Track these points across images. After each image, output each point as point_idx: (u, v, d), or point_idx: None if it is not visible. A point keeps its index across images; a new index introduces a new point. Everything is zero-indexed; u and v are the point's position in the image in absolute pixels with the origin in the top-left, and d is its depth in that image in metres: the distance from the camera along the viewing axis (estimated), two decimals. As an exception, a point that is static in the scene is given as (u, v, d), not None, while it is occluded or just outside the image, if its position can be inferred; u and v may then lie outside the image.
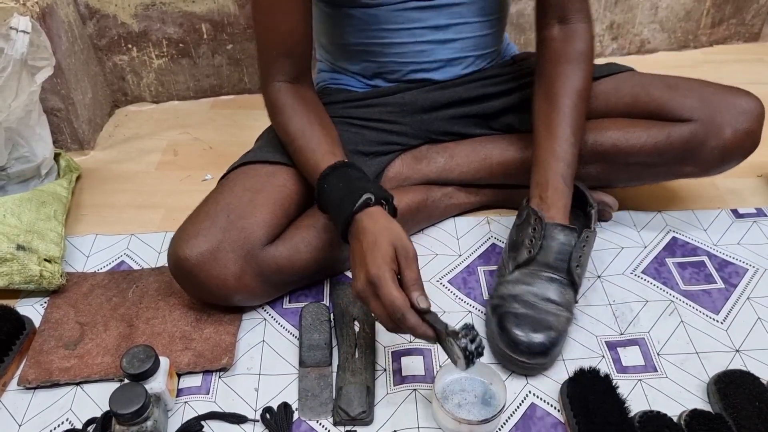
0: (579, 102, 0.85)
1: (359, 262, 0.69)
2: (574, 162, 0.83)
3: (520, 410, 0.75)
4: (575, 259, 0.80)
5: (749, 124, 0.85)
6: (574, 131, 0.83)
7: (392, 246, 0.68)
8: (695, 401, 0.75)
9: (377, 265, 0.66)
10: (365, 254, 0.68)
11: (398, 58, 0.94)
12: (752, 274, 0.92)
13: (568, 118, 0.83)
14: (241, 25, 1.30)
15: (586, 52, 0.87)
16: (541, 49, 0.90)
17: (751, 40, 1.56)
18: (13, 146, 1.00)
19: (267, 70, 0.85)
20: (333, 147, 0.81)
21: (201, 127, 1.32)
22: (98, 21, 1.26)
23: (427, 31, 0.91)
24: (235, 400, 0.77)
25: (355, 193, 0.73)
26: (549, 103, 0.86)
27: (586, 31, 0.87)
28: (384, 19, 0.89)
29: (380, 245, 0.68)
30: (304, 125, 0.83)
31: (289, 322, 0.87)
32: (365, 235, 0.70)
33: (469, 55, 0.96)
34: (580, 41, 0.87)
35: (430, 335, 0.66)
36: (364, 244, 0.69)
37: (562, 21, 0.88)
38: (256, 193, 0.83)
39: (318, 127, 0.83)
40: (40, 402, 0.77)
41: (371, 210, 0.72)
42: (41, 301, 0.90)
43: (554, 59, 0.87)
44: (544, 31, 0.89)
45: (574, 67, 0.86)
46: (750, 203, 1.06)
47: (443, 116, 0.98)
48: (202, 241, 0.78)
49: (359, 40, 0.93)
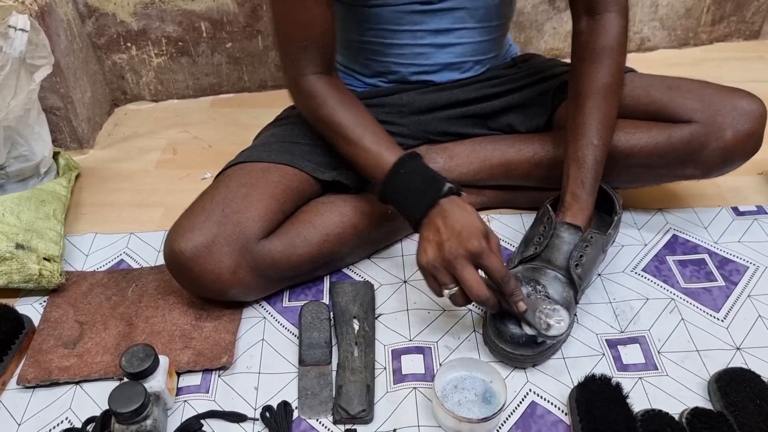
0: (603, 102, 0.83)
1: (448, 233, 0.73)
2: (596, 165, 0.82)
3: (521, 408, 0.75)
4: (575, 258, 0.79)
5: (751, 125, 0.84)
6: (598, 133, 0.82)
7: (485, 228, 0.74)
8: (696, 399, 0.75)
9: (477, 237, 0.72)
10: (459, 228, 0.72)
11: (398, 59, 0.94)
12: (753, 272, 0.92)
13: (591, 119, 0.82)
14: (241, 24, 1.30)
15: (613, 46, 0.84)
16: (573, 44, 0.89)
17: (751, 37, 1.56)
18: (12, 145, 1.00)
19: (295, 63, 0.84)
20: (390, 138, 0.83)
21: (200, 125, 1.31)
22: (97, 19, 1.26)
23: (427, 35, 0.91)
24: (234, 399, 0.77)
25: (438, 181, 0.77)
26: (574, 104, 0.85)
27: (615, 23, 0.84)
28: (386, 20, 0.89)
29: (476, 225, 0.73)
30: (354, 117, 0.83)
31: (288, 320, 0.86)
32: (455, 216, 0.74)
33: (468, 60, 0.96)
34: (606, 35, 0.84)
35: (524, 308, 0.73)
36: (456, 223, 0.73)
37: (590, 12, 0.85)
38: (252, 188, 0.83)
39: (369, 118, 0.84)
40: (40, 401, 0.77)
41: (456, 198, 0.77)
42: (40, 300, 0.90)
43: (580, 55, 0.86)
44: (575, 24, 0.88)
45: (599, 65, 0.84)
46: (751, 201, 1.06)
47: (441, 117, 0.98)
48: (197, 234, 0.78)
49: (360, 38, 0.93)
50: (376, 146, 0.81)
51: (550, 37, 1.47)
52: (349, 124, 0.83)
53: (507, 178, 0.98)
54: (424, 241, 0.75)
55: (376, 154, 0.81)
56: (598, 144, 0.82)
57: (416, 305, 0.88)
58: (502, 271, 0.72)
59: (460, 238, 0.72)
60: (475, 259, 0.72)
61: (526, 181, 0.98)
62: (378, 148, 0.81)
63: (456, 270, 0.72)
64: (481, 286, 0.72)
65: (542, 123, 0.97)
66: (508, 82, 0.98)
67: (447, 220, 0.74)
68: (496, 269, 0.72)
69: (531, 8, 1.41)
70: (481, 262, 0.72)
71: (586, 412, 0.70)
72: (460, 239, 0.72)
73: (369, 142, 0.82)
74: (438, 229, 0.74)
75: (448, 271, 0.73)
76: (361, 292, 0.87)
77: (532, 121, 0.98)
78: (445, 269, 0.73)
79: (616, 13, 0.84)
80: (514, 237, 0.98)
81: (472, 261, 0.72)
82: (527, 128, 0.98)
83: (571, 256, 0.79)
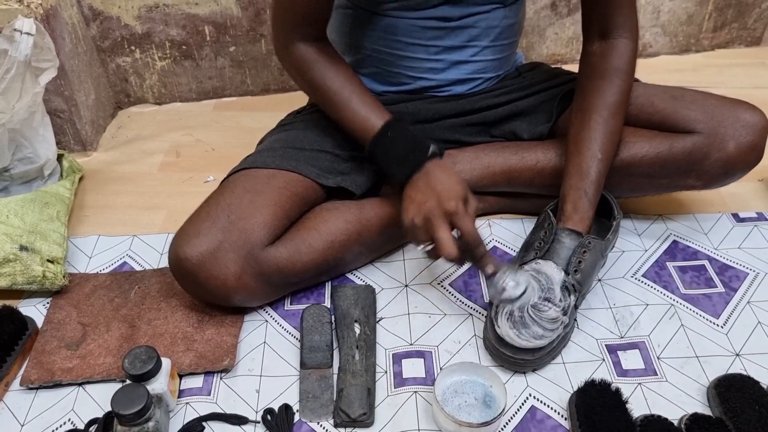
0: (610, 118, 0.85)
1: (429, 194, 0.77)
2: (599, 178, 0.83)
3: (521, 413, 0.75)
4: (573, 264, 0.80)
5: (753, 137, 0.85)
6: (602, 147, 0.84)
7: (464, 192, 0.77)
8: (695, 405, 0.76)
9: (455, 199, 0.76)
10: (439, 190, 0.76)
11: (408, 71, 0.95)
12: (753, 279, 0.92)
13: (597, 134, 0.84)
14: (244, 28, 1.31)
15: (623, 67, 0.86)
16: (582, 63, 0.91)
17: (752, 44, 1.56)
18: (16, 147, 1.01)
19: (286, 33, 0.86)
20: (377, 101, 0.86)
21: (203, 128, 1.32)
22: (101, 23, 1.26)
23: (441, 51, 0.92)
24: (236, 402, 0.77)
25: (423, 143, 0.81)
26: (580, 119, 0.86)
27: (627, 47, 0.87)
28: (402, 31, 0.90)
29: (455, 188, 0.77)
30: (342, 81, 0.86)
31: (290, 323, 0.87)
32: (437, 178, 0.78)
33: (478, 77, 0.97)
34: (619, 57, 0.86)
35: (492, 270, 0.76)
36: (438, 184, 0.77)
37: (603, 36, 0.88)
38: (257, 194, 0.83)
39: (357, 82, 0.87)
40: (43, 402, 0.78)
41: (440, 160, 0.81)
42: (44, 302, 0.90)
43: (590, 74, 0.88)
44: (587, 45, 0.90)
45: (608, 83, 0.86)
46: (751, 207, 1.06)
47: (445, 125, 0.99)
48: (202, 240, 0.78)
49: (374, 45, 0.93)
50: (364, 110, 0.85)
51: (552, 43, 1.47)
52: (336, 88, 0.86)
53: (509, 185, 0.99)
54: (407, 200, 0.80)
55: (364, 117, 0.84)
56: (602, 158, 0.83)
57: (417, 309, 0.88)
58: (474, 233, 0.76)
59: (440, 199, 0.76)
60: (451, 219, 0.76)
61: (529, 189, 0.98)
62: (365, 112, 0.84)
63: (432, 228, 0.76)
64: (450, 244, 0.75)
65: (546, 131, 0.97)
66: (513, 91, 0.99)
67: (429, 181, 0.78)
68: (468, 231, 0.76)
69: (533, 14, 1.41)
70: (456, 222, 0.76)
71: (585, 417, 0.70)
72: (440, 200, 0.76)
73: (356, 105, 0.85)
74: (420, 189, 0.78)
75: (426, 230, 0.77)
76: (363, 296, 0.88)
77: (535, 129, 0.98)
78: (424, 227, 0.77)
79: (628, 38, 0.87)
80: (515, 241, 0.99)
81: (448, 221, 0.76)
82: (530, 136, 0.98)
83: (569, 262, 0.80)
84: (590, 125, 0.85)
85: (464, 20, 0.89)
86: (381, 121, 0.83)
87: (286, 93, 1.42)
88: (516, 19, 0.94)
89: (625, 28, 0.86)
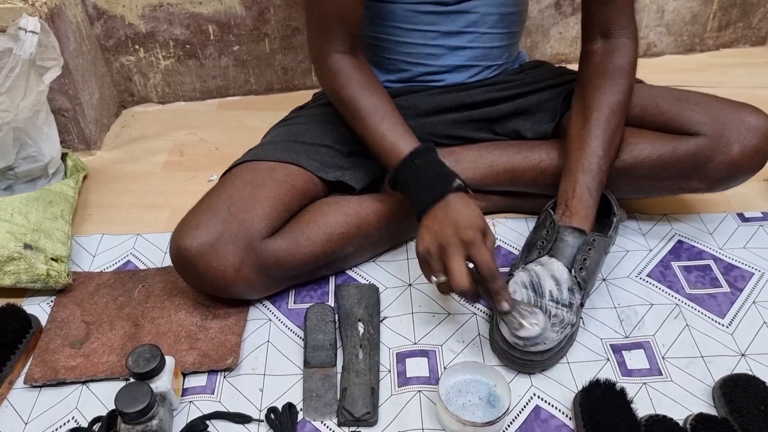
0: (612, 116, 0.85)
1: (446, 223, 0.74)
2: (601, 175, 0.83)
3: (525, 412, 0.75)
4: (579, 261, 0.80)
5: (757, 141, 0.84)
6: (604, 145, 0.84)
7: (483, 224, 0.75)
8: (700, 405, 0.75)
9: (473, 228, 0.73)
10: (458, 220, 0.74)
11: (407, 58, 0.95)
12: (758, 278, 0.92)
13: (599, 132, 0.84)
14: (248, 27, 1.31)
15: (626, 67, 0.87)
16: (583, 63, 0.91)
17: (757, 43, 1.56)
18: (20, 146, 1.01)
19: (323, 39, 0.85)
20: (407, 127, 0.85)
21: (207, 127, 1.32)
22: (106, 22, 1.26)
23: (439, 36, 0.92)
24: (239, 400, 0.77)
25: (449, 176, 0.79)
26: (582, 117, 0.86)
27: (628, 47, 0.87)
28: (399, 17, 0.90)
29: (475, 219, 0.75)
30: (376, 103, 0.85)
31: (293, 322, 0.87)
32: (457, 209, 0.76)
33: (477, 64, 0.97)
34: (621, 56, 0.87)
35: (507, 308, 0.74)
36: (457, 215, 0.75)
37: (605, 36, 0.88)
38: (257, 187, 0.83)
39: (390, 105, 0.86)
40: (46, 400, 0.78)
41: (463, 194, 0.78)
42: (48, 300, 0.90)
43: (593, 73, 0.88)
44: (588, 44, 0.90)
45: (611, 82, 0.86)
46: (756, 207, 1.06)
47: (447, 120, 0.99)
48: (202, 232, 0.78)
49: (372, 33, 0.93)
50: (393, 134, 0.83)
51: (556, 42, 1.47)
52: (369, 108, 0.85)
53: (513, 184, 0.99)
54: (423, 228, 0.77)
55: (392, 142, 0.83)
56: (603, 156, 0.83)
57: (421, 308, 0.88)
58: (491, 266, 0.73)
59: (457, 228, 0.74)
60: (467, 250, 0.73)
61: (532, 189, 0.98)
62: (395, 137, 0.83)
63: (446, 256, 0.74)
64: (463, 276, 0.72)
65: (549, 130, 0.97)
66: (515, 87, 0.99)
67: (448, 212, 0.76)
68: (484, 263, 0.73)
69: (537, 13, 1.41)
70: (472, 253, 0.73)
71: (590, 416, 0.70)
72: (457, 229, 0.74)
73: (386, 129, 0.84)
74: (438, 219, 0.76)
75: (440, 259, 0.75)
76: (366, 295, 0.88)
77: (539, 128, 0.98)
78: (438, 257, 0.75)
79: (629, 38, 0.87)
80: (518, 241, 0.99)
81: (465, 251, 0.73)
82: (534, 134, 0.98)
83: (574, 260, 0.80)
84: (592, 123, 0.84)
85: (461, 5, 0.89)
86: (410, 147, 0.82)
87: (290, 92, 1.42)
88: (515, 8, 0.95)
89: (627, 28, 0.87)
